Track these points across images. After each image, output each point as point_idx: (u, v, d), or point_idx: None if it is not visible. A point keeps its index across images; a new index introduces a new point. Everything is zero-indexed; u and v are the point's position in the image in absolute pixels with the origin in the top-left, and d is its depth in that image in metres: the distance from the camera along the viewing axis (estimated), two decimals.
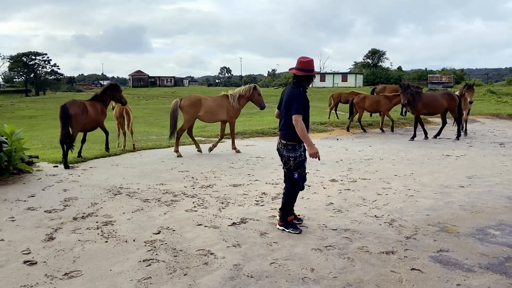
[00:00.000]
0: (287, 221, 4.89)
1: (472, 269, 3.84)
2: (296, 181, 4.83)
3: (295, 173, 4.80)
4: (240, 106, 10.42)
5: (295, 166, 4.77)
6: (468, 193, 6.46)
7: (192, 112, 9.98)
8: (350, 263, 3.98)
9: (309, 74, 4.79)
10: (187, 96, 10.33)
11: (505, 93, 56.95)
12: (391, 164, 8.76)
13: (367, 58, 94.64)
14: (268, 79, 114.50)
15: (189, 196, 6.33)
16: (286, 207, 4.91)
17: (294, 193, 4.90)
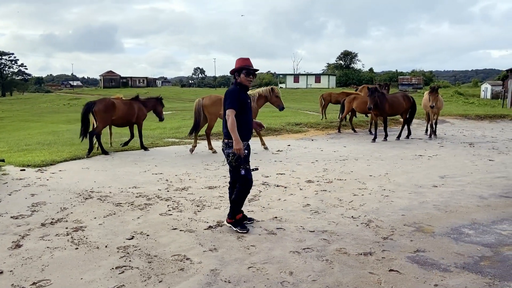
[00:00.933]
0: (236, 219, 4.90)
1: (449, 269, 3.87)
2: (245, 177, 4.82)
3: (241, 170, 4.80)
4: (258, 106, 10.63)
5: (236, 162, 4.78)
6: (441, 192, 6.55)
7: (214, 110, 10.24)
8: (328, 266, 3.94)
9: (235, 69, 4.86)
10: (208, 96, 10.61)
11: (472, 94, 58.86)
12: (366, 165, 8.82)
13: (340, 60, 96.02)
14: None
15: (163, 199, 6.17)
16: (236, 203, 4.90)
17: (245, 189, 4.89)
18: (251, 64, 4.93)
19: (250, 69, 4.87)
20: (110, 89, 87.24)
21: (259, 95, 10.61)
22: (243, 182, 4.86)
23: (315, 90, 58.83)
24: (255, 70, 4.92)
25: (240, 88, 4.87)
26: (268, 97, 10.55)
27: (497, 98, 46.99)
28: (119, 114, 10.30)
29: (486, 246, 4.38)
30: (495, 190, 6.69)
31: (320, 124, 15.64)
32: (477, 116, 19.33)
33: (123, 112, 10.38)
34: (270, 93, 10.51)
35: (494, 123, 17.87)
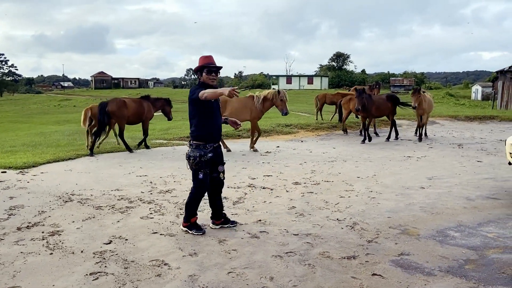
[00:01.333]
0: (191, 223, 4.78)
1: (433, 273, 3.78)
2: (201, 181, 4.71)
3: (200, 173, 4.67)
4: (264, 109, 10.58)
5: (196, 166, 4.65)
6: (428, 194, 6.48)
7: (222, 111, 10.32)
8: (310, 270, 3.84)
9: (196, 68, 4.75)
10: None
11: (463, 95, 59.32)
12: (354, 166, 8.74)
13: (332, 61, 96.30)
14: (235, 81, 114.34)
15: (145, 202, 6.03)
16: (190, 207, 4.78)
17: (199, 193, 4.78)
18: (213, 61, 4.74)
19: (211, 67, 4.69)
20: (101, 90, 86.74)
21: (265, 97, 10.48)
22: (198, 185, 4.76)
23: (307, 92, 58.92)
24: (217, 68, 4.74)
25: (203, 87, 4.63)
26: (274, 100, 10.38)
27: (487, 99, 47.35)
28: (130, 112, 10.70)
29: (471, 249, 4.30)
30: (482, 191, 6.63)
31: (311, 125, 15.56)
32: (467, 117, 19.38)
33: (134, 111, 10.81)
34: (276, 96, 10.33)
35: (483, 124, 17.92)
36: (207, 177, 4.76)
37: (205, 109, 4.69)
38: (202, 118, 4.68)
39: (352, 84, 74.57)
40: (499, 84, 34.50)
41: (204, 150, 4.67)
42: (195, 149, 4.70)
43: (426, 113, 12.98)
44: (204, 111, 4.69)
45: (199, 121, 4.68)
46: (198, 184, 4.77)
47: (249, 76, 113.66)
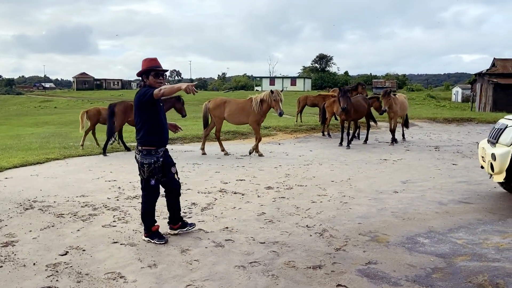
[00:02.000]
0: (152, 232, 4.61)
1: (399, 283, 3.66)
2: (153, 188, 4.60)
3: (152, 180, 4.55)
4: (262, 111, 10.30)
5: (150, 173, 4.51)
6: (401, 198, 6.40)
7: (218, 113, 10.48)
8: (273, 282, 3.68)
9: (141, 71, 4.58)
10: (214, 99, 10.87)
11: (443, 97, 60.22)
12: (329, 169, 8.64)
13: (315, 63, 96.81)
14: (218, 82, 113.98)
15: (110, 209, 5.80)
16: (146, 216, 4.63)
17: (151, 201, 4.66)
18: (159, 64, 4.62)
19: (159, 71, 4.57)
20: (84, 91, 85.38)
21: (261, 99, 10.19)
22: (148, 192, 4.65)
23: (290, 93, 58.93)
24: (164, 71, 4.63)
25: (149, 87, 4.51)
26: (269, 101, 10.08)
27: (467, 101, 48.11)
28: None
29: (439, 257, 4.19)
30: (455, 195, 6.58)
31: (289, 128, 15.45)
32: (445, 119, 19.54)
33: None
34: (269, 97, 10.06)
35: (461, 126, 18.08)
36: (159, 183, 4.68)
37: (155, 113, 4.57)
38: (153, 122, 4.55)
39: (335, 85, 75.07)
40: (478, 87, 35.05)
41: (157, 156, 4.57)
42: (146, 156, 4.55)
43: (397, 116, 12.61)
44: (154, 116, 4.57)
45: (150, 126, 4.54)
46: (149, 191, 4.66)
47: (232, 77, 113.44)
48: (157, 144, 4.56)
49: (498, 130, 5.80)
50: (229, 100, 10.69)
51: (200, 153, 10.64)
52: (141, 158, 4.56)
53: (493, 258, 3.96)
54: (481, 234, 4.78)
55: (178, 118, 12.99)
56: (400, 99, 12.89)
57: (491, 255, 4.05)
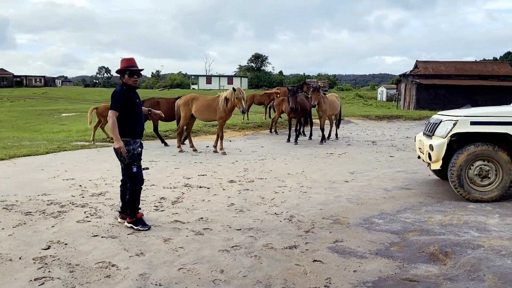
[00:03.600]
0: (136, 218, 4.93)
1: (364, 256, 4.21)
2: (136, 175, 4.93)
3: (133, 167, 4.89)
4: (228, 109, 10.34)
5: (130, 160, 4.86)
6: (352, 187, 7.07)
7: (186, 109, 10.64)
8: (257, 261, 4.07)
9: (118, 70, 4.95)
10: (184, 96, 11.13)
11: (370, 97, 63.83)
12: (283, 163, 9.18)
13: (251, 62, 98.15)
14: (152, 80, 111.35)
15: (78, 206, 5.84)
16: (132, 202, 4.94)
17: (138, 187, 4.99)
18: (135, 64, 5.01)
19: (133, 70, 4.94)
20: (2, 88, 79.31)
21: (225, 97, 10.30)
22: (134, 180, 4.95)
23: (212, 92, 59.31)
24: (138, 70, 5.01)
25: (126, 89, 4.95)
26: (231, 99, 10.15)
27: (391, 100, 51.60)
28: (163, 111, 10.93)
29: (394, 233, 4.83)
30: (397, 183, 7.39)
31: (237, 125, 15.85)
32: (377, 116, 21.04)
33: (167, 110, 11.36)
34: (232, 95, 10.17)
35: (391, 123, 19.61)
36: (140, 170, 4.98)
37: (131, 108, 4.92)
38: (127, 116, 4.88)
39: (271, 85, 76.64)
40: (402, 87, 37.85)
41: (134, 145, 4.92)
42: (125, 145, 4.85)
43: (326, 115, 12.77)
44: (131, 110, 4.92)
45: (125, 119, 4.87)
46: (133, 179, 4.95)
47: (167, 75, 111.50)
48: (132, 135, 4.91)
49: (434, 125, 6.64)
50: (198, 97, 10.90)
51: (153, 151, 10.72)
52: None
53: (439, 232, 4.66)
54: (425, 214, 5.53)
55: None
56: (331, 99, 13.12)
57: (436, 230, 4.75)
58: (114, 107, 4.81)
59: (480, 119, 5.96)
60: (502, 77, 34.05)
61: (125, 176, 5.05)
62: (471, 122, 5.98)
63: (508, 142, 5.93)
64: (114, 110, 4.80)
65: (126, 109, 4.84)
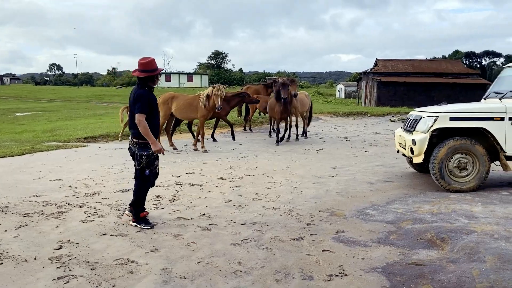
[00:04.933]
0: (140, 218, 5.03)
1: (368, 244, 4.53)
2: (147, 178, 5.02)
3: (147, 170, 4.98)
4: (210, 107, 10.36)
5: (147, 164, 4.95)
6: (338, 181, 7.42)
7: (165, 108, 10.52)
8: (270, 253, 4.28)
9: (152, 74, 4.96)
10: (163, 94, 10.94)
11: (329, 94, 65.29)
12: (266, 160, 9.42)
13: (211, 59, 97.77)
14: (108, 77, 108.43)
15: (76, 206, 5.82)
16: (137, 203, 5.04)
17: (144, 189, 5.09)
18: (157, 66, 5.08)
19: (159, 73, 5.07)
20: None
21: (207, 95, 10.36)
22: (143, 181, 5.05)
23: (188, 90, 58.85)
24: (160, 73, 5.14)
25: (149, 90, 5.02)
26: (212, 96, 10.21)
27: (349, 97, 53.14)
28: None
29: (389, 223, 5.19)
30: (379, 176, 7.82)
31: (210, 124, 15.91)
32: (344, 113, 21.75)
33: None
34: (211, 92, 10.25)
35: (358, 119, 20.34)
36: (152, 174, 5.07)
37: (152, 109, 4.95)
38: (150, 118, 4.95)
39: (231, 82, 76.68)
40: (363, 84, 39.12)
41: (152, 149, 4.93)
42: (144, 148, 4.96)
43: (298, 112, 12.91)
44: (151, 111, 4.96)
45: (148, 121, 4.90)
46: (144, 181, 5.04)
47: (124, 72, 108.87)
48: None
49: (414, 121, 7.09)
50: (177, 95, 10.95)
51: None
52: (139, 150, 4.93)
53: (431, 220, 5.06)
54: (412, 204, 5.94)
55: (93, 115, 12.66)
56: (301, 97, 13.24)
57: (428, 219, 5.15)
58: (142, 110, 4.80)
59: (459, 115, 6.45)
60: (455, 75, 35.98)
61: (135, 176, 5.09)
62: (450, 118, 6.45)
63: (483, 136, 6.45)
64: (142, 113, 4.80)
65: (149, 110, 4.89)
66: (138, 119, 4.83)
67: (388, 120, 19.84)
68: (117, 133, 13.35)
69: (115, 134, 13.40)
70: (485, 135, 6.44)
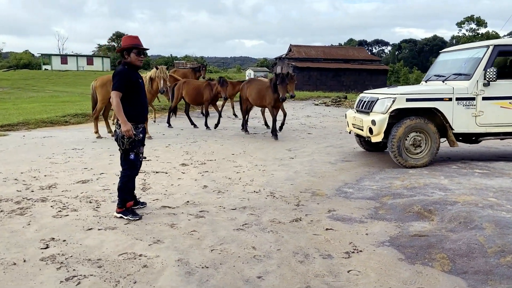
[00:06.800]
0: (126, 208, 4.68)
1: (363, 220, 4.70)
2: (133, 162, 4.66)
3: (131, 154, 4.62)
4: (154, 90, 9.69)
5: (130, 146, 4.58)
6: (301, 162, 7.57)
7: (103, 92, 9.75)
8: (278, 235, 4.25)
9: (124, 47, 4.60)
10: (101, 77, 10.18)
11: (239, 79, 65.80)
12: (218, 145, 9.26)
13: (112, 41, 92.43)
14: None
15: (38, 201, 5.20)
16: (123, 191, 4.67)
17: (131, 175, 4.73)
18: (140, 43, 4.73)
19: (140, 48, 4.67)
20: None
21: (150, 77, 9.70)
22: (129, 167, 4.69)
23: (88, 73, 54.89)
24: (145, 49, 4.77)
25: (129, 68, 4.63)
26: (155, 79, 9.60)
27: None
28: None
29: (371, 199, 5.43)
30: (335, 156, 8.14)
31: None
32: None
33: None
34: (154, 75, 9.62)
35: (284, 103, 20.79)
36: (138, 158, 4.72)
37: (134, 89, 4.64)
38: (133, 98, 4.60)
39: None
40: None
41: (137, 130, 4.63)
42: None
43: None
44: (134, 91, 4.64)
45: (130, 102, 4.58)
46: (129, 166, 4.68)
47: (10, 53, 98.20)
48: (137, 119, 4.61)
49: (370, 102, 7.47)
50: None
51: (64, 138, 9.76)
52: (120, 131, 4.52)
53: (409, 195, 5.41)
54: (382, 181, 6.29)
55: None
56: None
57: (406, 193, 5.50)
58: (117, 87, 4.44)
59: (414, 96, 6.94)
60: (361, 61, 38.60)
61: (120, 162, 4.69)
62: (406, 99, 6.92)
63: (433, 115, 7.03)
64: (117, 91, 4.43)
65: (130, 90, 4.52)
66: (111, 97, 4.49)
67: (312, 103, 20.68)
68: (38, 120, 12.08)
69: (35, 122, 12.11)
70: (435, 114, 7.02)
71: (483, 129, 7.07)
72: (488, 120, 7.02)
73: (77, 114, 13.26)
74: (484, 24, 73.62)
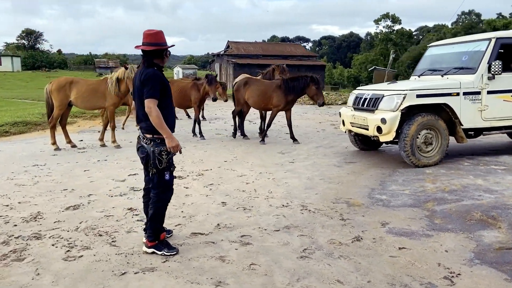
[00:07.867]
0: (160, 240, 3.84)
1: (428, 234, 4.16)
2: (168, 184, 3.81)
3: (166, 173, 3.76)
4: (122, 92, 8.47)
5: (168, 163, 3.74)
6: (305, 167, 6.99)
7: (61, 97, 8.53)
8: (353, 262, 3.61)
9: (160, 48, 3.74)
10: (57, 79, 8.87)
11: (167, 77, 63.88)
12: (202, 151, 8.38)
13: (22, 39, 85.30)
14: None
15: (31, 239, 4.13)
16: (157, 219, 3.84)
17: (166, 199, 3.88)
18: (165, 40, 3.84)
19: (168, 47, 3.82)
20: None
21: (117, 78, 8.51)
22: (164, 189, 3.81)
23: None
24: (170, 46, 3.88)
25: (158, 69, 3.75)
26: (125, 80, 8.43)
27: None
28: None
29: (415, 207, 4.94)
30: (335, 158, 7.65)
31: (86, 113, 13.61)
32: None
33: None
34: (122, 75, 8.41)
35: None
36: (173, 177, 3.85)
37: (167, 98, 3.78)
38: (168, 105, 3.78)
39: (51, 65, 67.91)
40: (217, 66, 39.19)
41: None
42: (160, 144, 3.70)
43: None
44: (166, 101, 3.77)
45: (165, 109, 3.71)
46: (165, 188, 3.80)
47: None
48: (172, 130, 3.76)
49: (374, 99, 7.06)
50: (77, 80, 8.79)
51: (14, 152, 8.30)
52: (156, 146, 3.66)
53: (455, 199, 5.02)
54: (408, 184, 5.87)
55: None
56: None
57: (448, 197, 5.11)
58: (153, 94, 3.54)
59: (424, 92, 6.64)
60: (299, 57, 38.96)
61: (151, 185, 3.77)
62: (417, 95, 6.60)
63: (441, 111, 6.80)
64: (154, 99, 3.54)
65: (164, 96, 3.65)
66: (148, 106, 3.55)
67: None
68: None
69: None
70: (442, 110, 6.79)
71: (488, 124, 6.98)
72: (492, 114, 6.94)
73: (16, 122, 11.48)
74: (398, 21, 78.04)
